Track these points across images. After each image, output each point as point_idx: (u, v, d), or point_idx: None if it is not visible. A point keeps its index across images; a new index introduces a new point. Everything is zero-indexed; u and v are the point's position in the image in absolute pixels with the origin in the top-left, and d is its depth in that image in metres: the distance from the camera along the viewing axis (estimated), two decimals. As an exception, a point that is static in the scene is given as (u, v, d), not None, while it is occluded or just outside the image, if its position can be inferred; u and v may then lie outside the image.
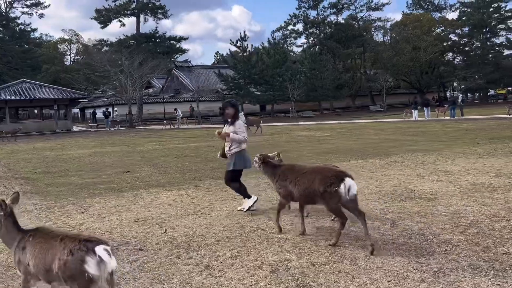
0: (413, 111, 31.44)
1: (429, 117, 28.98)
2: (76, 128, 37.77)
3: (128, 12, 46.96)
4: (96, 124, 41.97)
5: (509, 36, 60.71)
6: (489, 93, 67.49)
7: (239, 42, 45.96)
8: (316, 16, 59.59)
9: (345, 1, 60.98)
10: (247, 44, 46.61)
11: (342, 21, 59.77)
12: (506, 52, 62.02)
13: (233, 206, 6.35)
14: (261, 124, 23.02)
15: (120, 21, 47.26)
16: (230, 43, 46.01)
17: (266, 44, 49.88)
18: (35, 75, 50.26)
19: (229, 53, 47.33)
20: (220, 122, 44.64)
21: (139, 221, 5.70)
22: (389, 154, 11.42)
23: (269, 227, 5.16)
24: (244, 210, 5.98)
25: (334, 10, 59.89)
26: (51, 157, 14.25)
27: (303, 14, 59.56)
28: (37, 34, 70.77)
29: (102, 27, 47.36)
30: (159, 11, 46.85)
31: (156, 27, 48.21)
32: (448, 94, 67.77)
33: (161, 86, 59.40)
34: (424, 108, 29.43)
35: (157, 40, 48.95)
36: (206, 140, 19.24)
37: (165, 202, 6.81)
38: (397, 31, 57.25)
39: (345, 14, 62.56)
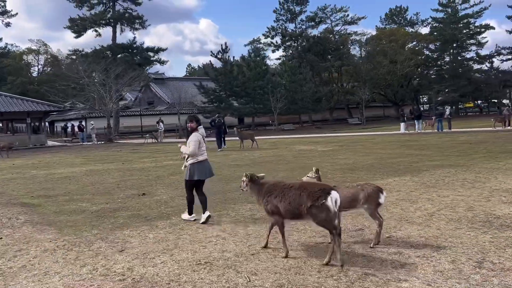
0: (401, 124, 31.43)
1: (419, 130, 28.93)
2: (50, 142, 35.54)
3: (104, 22, 45.18)
4: (71, 139, 39.79)
5: (479, 51, 62.85)
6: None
7: (220, 54, 45.12)
8: (294, 29, 59.71)
9: (321, 15, 61.59)
10: (228, 56, 45.88)
11: (319, 35, 60.10)
12: (476, 66, 64.09)
13: (307, 236, 5.39)
14: (255, 138, 22.10)
15: (96, 30, 45.37)
16: (211, 55, 45.14)
17: (248, 56, 49.16)
18: (-1, 87, 47.48)
19: (210, 65, 46.19)
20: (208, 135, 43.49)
21: (202, 264, 4.63)
22: (418, 170, 10.76)
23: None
24: (183, 218, 6.63)
25: (312, 23, 60.24)
26: (41, 176, 12.76)
27: (281, 27, 59.56)
28: (1, 44, 67.64)
29: (76, 37, 45.27)
30: (137, 21, 45.34)
31: (134, 38, 46.62)
32: (421, 107, 69.23)
33: (132, 99, 57.49)
34: (415, 121, 29.36)
35: (134, 51, 47.30)
36: (215, 156, 18.11)
37: (215, 234, 5.76)
38: (373, 44, 58.09)
39: (322, 27, 63.16)
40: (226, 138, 22.55)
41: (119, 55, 45.73)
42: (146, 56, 47.56)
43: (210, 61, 47.30)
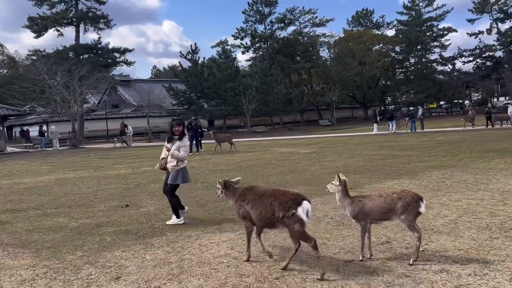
0: (374, 125, 31.56)
1: (393, 131, 29.07)
2: (9, 149, 33.32)
3: (66, 21, 43.08)
4: (31, 144, 37.54)
5: (442, 53, 64.77)
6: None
7: (189, 55, 44.04)
8: (264, 31, 59.39)
9: (290, 16, 61.58)
10: (198, 57, 44.87)
11: (289, 36, 60.07)
12: (440, 68, 66.03)
13: (331, 252, 4.74)
14: (233, 141, 21.33)
15: (58, 30, 43.20)
16: (180, 56, 44.02)
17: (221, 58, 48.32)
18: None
19: (179, 66, 44.98)
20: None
21: (222, 292, 3.91)
22: (413, 172, 10.41)
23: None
24: (168, 223, 6.52)
25: (282, 24, 60.13)
26: (5, 187, 11.50)
27: (250, 28, 59.09)
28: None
29: (36, 37, 42.94)
30: (102, 20, 43.53)
31: (99, 38, 44.72)
32: (388, 108, 70.55)
33: (96, 102, 55.29)
34: (389, 121, 29.51)
35: (99, 52, 45.41)
36: (193, 160, 17.19)
37: (223, 252, 5.03)
38: (342, 46, 58.62)
39: (292, 29, 63.21)
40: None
41: (83, 56, 43.73)
42: (112, 57, 45.77)
43: (179, 62, 46.14)
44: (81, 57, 43.16)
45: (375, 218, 4.48)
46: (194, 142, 20.69)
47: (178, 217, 6.56)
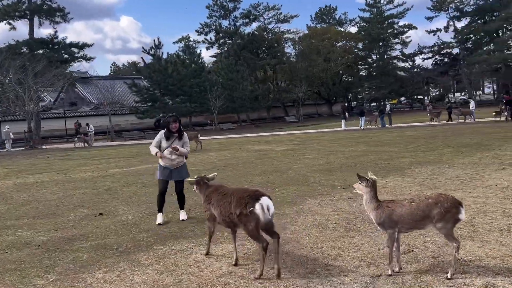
0: (342, 120, 31.57)
1: (362, 127, 29.15)
2: (-44, 150, 30.76)
3: (18, 14, 40.37)
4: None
5: (403, 49, 66.33)
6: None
7: (152, 50, 42.49)
8: (229, 26, 58.47)
9: (255, 12, 60.99)
10: (162, 52, 43.39)
11: (254, 32, 59.47)
12: (401, 64, 67.59)
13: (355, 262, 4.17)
14: (199, 140, 20.40)
15: (10, 23, 40.38)
16: (143, 51, 42.38)
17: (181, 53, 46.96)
18: None
19: (142, 61, 43.31)
20: (135, 137, 40.66)
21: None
22: (401, 169, 10.09)
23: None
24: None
25: (246, 20, 59.44)
26: (-46, 195, 10.20)
27: (215, 23, 58.00)
28: None
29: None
30: (58, 14, 41.10)
31: (55, 32, 42.24)
32: (352, 104, 71.60)
33: (52, 100, 52.33)
34: (360, 117, 29.57)
35: (56, 47, 42.93)
36: (150, 161, 16.21)
37: (225, 270, 4.33)
38: (307, 43, 58.68)
39: (256, 25, 62.62)
40: None
41: (38, 51, 41.18)
42: (69, 52, 43.42)
43: (141, 58, 44.45)
44: (36, 52, 40.57)
45: (405, 226, 3.92)
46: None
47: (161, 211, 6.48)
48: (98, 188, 10.04)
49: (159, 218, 6.34)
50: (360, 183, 4.08)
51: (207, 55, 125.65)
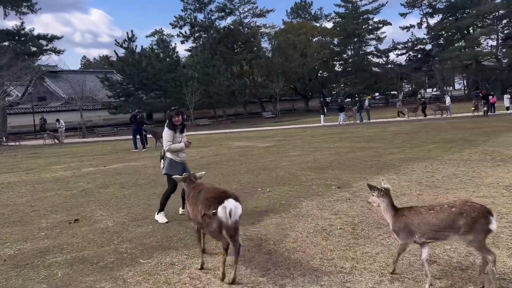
0: (321, 116, 31.37)
1: (341, 122, 28.99)
2: None
3: (-20, 3, 38.11)
4: None
5: (378, 45, 66.90)
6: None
7: (125, 43, 41.07)
8: (204, 20, 57.37)
9: (230, 6, 60.11)
10: (136, 46, 42.01)
11: (230, 26, 58.61)
12: (376, 60, 68.20)
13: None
14: None
15: (-28, 13, 38.11)
16: (116, 44, 40.89)
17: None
18: None
19: (115, 55, 41.76)
20: (108, 134, 39.24)
21: None
22: (393, 166, 9.73)
23: None
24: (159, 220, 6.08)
25: (222, 14, 58.49)
26: None
27: (189, 16, 56.77)
28: None
29: None
30: (24, 4, 39.05)
31: (22, 23, 40.12)
32: (328, 99, 71.81)
33: (19, 95, 49.97)
34: (339, 113, 29.38)
35: (22, 39, 40.86)
36: (127, 159, 15.38)
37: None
38: (283, 37, 58.29)
39: (232, 19, 61.78)
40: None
41: (4, 43, 39.08)
42: (37, 44, 41.42)
43: (114, 51, 42.90)
44: (1, 44, 38.49)
45: (424, 236, 3.48)
46: (138, 137, 18.87)
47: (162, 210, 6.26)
48: (71, 189, 9.23)
49: (163, 217, 6.10)
50: (373, 195, 3.77)
51: (182, 49, 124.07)
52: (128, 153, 17.37)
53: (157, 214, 6.18)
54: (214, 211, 3.71)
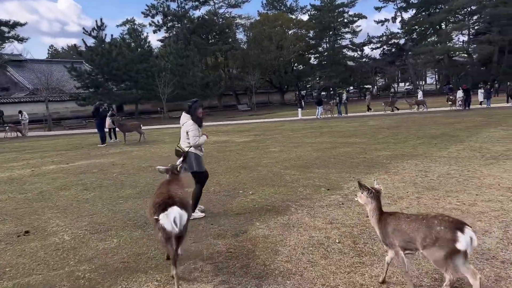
0: (298, 110, 30.80)
1: (319, 116, 28.47)
2: None
3: None
4: None
5: (353, 39, 66.88)
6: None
7: (94, 31, 39.15)
8: (177, 9, 55.66)
9: (205, -5, 58.63)
10: (105, 34, 40.13)
11: (205, 16, 57.13)
12: (351, 53, 68.23)
13: None
14: (142, 130, 18.39)
15: None
16: (84, 32, 38.86)
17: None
18: None
19: (84, 44, 39.73)
20: (76, 126, 37.44)
21: None
22: (381, 164, 9.11)
23: None
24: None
25: (196, 3, 56.91)
26: None
27: (162, 5, 54.94)
28: None
29: None
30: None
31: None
32: (303, 92, 71.46)
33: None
34: (317, 106, 28.83)
35: (-19, 25, 38.40)
36: (93, 155, 14.24)
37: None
38: (259, 29, 57.32)
39: (206, 9, 60.32)
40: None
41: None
42: (-2, 31, 39.03)
43: (82, 39, 40.88)
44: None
45: (401, 245, 3.24)
46: (106, 131, 17.68)
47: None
48: (26, 191, 8.15)
49: (199, 212, 5.78)
50: (362, 193, 3.54)
51: (154, 39, 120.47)
52: (94, 148, 16.17)
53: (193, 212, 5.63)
54: (156, 217, 3.51)
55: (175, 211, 3.45)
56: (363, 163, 9.44)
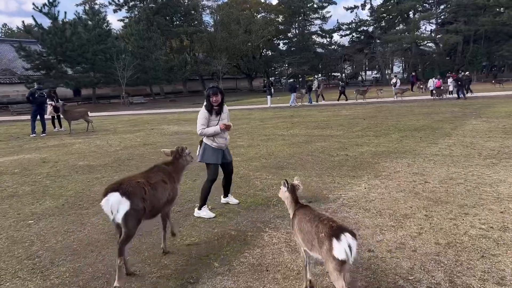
0: (267, 97, 29.28)
1: (294, 103, 27.08)
2: None
3: None
4: None
5: (323, 25, 65.63)
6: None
7: (46, 8, 35.77)
8: (140, -13, 52.42)
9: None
10: (58, 11, 36.81)
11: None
12: (320, 40, 67.07)
13: None
14: (89, 117, 16.20)
15: None
16: (34, 9, 35.37)
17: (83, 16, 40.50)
18: None
19: (34, 23, 36.24)
20: (25, 112, 34.30)
21: None
22: (368, 165, 7.72)
23: None
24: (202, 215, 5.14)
25: (161, -18, 53.75)
26: None
27: (123, -17, 51.54)
28: None
29: None
30: None
31: None
32: (272, 79, 69.91)
33: None
34: (291, 93, 27.45)
35: None
36: (25, 148, 12.11)
37: None
38: (226, 12, 54.97)
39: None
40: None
41: None
42: None
43: (32, 16, 37.41)
44: None
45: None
46: (48, 118, 15.46)
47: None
48: None
49: (208, 211, 5.18)
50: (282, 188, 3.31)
51: (115, 19, 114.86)
52: (31, 140, 13.95)
53: (199, 210, 5.17)
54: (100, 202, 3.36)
55: (114, 197, 3.25)
56: (346, 162, 7.99)
